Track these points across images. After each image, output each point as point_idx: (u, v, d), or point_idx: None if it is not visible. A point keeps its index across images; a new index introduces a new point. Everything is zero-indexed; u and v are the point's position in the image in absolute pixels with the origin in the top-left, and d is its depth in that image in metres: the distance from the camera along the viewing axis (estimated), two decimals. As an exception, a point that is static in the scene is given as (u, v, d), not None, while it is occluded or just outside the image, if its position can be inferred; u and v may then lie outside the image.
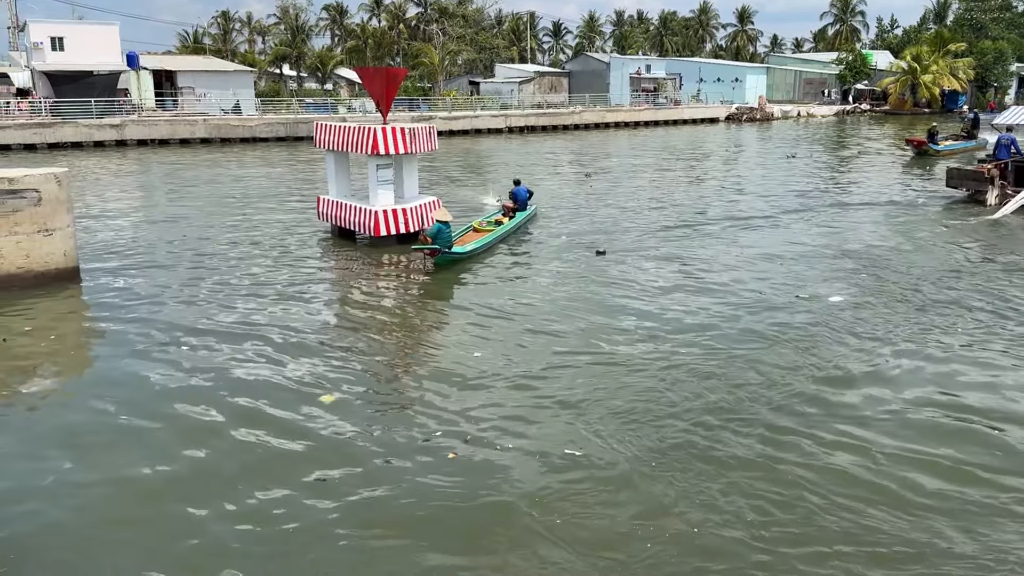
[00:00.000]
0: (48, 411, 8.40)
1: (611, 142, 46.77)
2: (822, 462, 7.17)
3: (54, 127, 39.77)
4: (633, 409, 8.18)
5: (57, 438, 7.71)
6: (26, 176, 12.47)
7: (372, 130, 15.28)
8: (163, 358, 9.77)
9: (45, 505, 6.56)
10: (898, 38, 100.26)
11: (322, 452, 7.41)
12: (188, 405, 8.42)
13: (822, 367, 9.42)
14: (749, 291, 12.76)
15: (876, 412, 8.21)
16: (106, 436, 7.75)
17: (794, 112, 68.96)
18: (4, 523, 6.29)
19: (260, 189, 25.55)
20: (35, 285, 12.53)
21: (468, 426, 7.85)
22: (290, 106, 54.17)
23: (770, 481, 6.82)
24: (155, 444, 7.57)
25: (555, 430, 7.76)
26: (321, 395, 8.67)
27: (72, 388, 9.15)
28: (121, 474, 7.02)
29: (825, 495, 6.60)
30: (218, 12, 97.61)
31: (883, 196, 23.26)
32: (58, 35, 47.71)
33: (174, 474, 7.05)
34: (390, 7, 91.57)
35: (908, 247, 16.22)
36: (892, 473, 6.98)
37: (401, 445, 7.51)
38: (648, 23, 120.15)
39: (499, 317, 11.48)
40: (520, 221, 18.01)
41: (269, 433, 7.77)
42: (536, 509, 6.41)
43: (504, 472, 6.97)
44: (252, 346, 10.20)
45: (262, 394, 8.71)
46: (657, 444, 7.45)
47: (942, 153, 33.62)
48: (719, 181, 27.35)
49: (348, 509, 6.48)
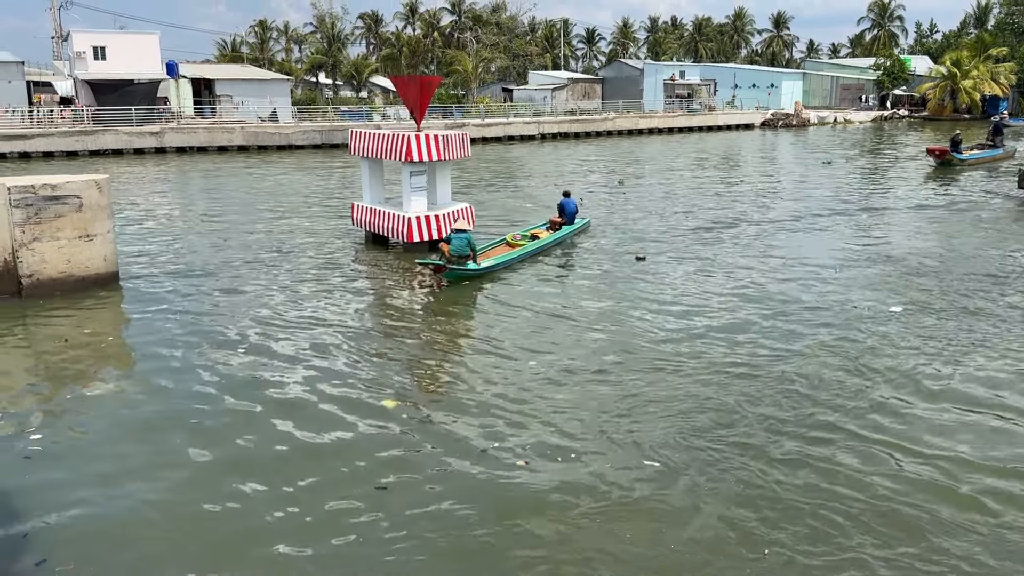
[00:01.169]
0: (109, 407, 8.57)
1: (644, 148, 46.58)
2: (898, 479, 6.93)
3: (95, 134, 40.60)
4: (694, 420, 8.02)
5: (122, 433, 7.92)
6: (68, 182, 12.73)
7: (406, 137, 15.37)
8: (205, 363, 9.87)
9: (134, 489, 6.83)
10: (937, 43, 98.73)
11: (386, 457, 7.38)
12: (242, 405, 8.53)
13: (892, 379, 9.12)
14: (802, 298, 12.62)
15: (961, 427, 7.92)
16: (155, 443, 7.82)
17: (831, 118, 68.17)
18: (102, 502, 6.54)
19: (295, 196, 25.83)
20: (76, 289, 12.78)
21: (532, 434, 7.76)
22: (325, 114, 54.75)
23: (853, 501, 6.59)
24: (213, 447, 7.61)
25: (619, 439, 7.64)
26: (383, 400, 8.67)
27: (128, 387, 9.27)
28: (175, 478, 7.08)
29: (900, 515, 6.38)
30: (256, 21, 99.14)
31: (940, 200, 22.91)
32: (100, 44, 48.79)
33: (233, 478, 7.03)
34: (424, 15, 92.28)
35: (970, 251, 15.97)
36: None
37: (464, 451, 7.46)
38: (682, 29, 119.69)
39: (547, 322, 11.47)
40: (561, 236, 17.05)
41: (334, 437, 7.77)
42: (602, 520, 6.30)
43: (572, 484, 6.84)
44: (295, 350, 10.28)
45: (316, 398, 8.73)
46: (718, 458, 7.26)
47: (967, 163, 31.95)
48: (754, 186, 27.09)
49: (408, 516, 6.40)
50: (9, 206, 12.17)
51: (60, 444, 7.72)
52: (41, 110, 45.69)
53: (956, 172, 30.27)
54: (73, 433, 7.98)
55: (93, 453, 7.60)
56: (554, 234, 16.93)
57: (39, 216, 12.41)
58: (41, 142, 39.00)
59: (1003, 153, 34.06)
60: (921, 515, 6.38)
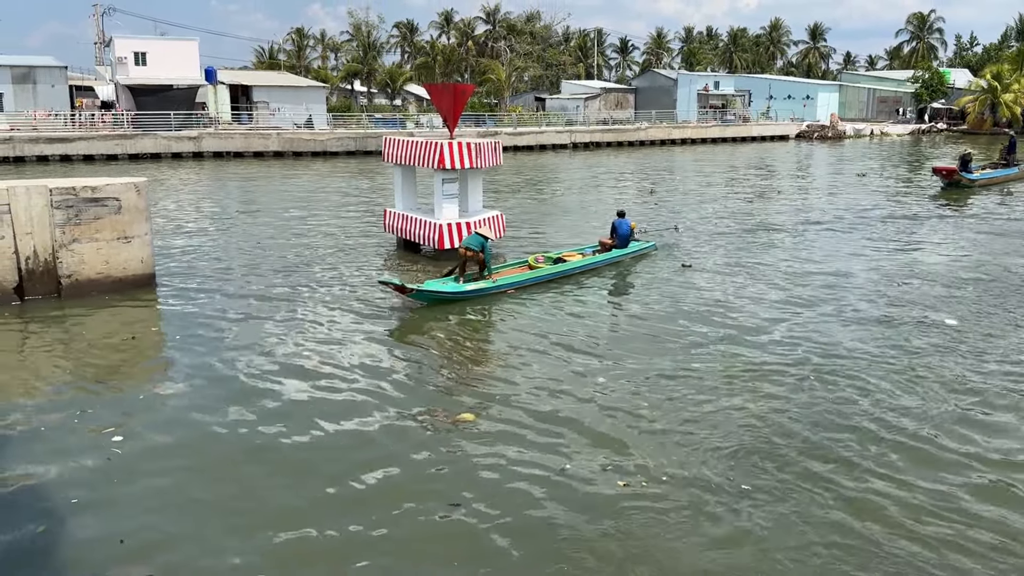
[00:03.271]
0: (180, 407, 8.67)
1: (676, 158, 46.42)
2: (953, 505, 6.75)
3: (135, 139, 41.36)
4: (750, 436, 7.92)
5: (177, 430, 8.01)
6: (107, 185, 12.98)
7: (439, 145, 15.48)
8: (250, 370, 9.91)
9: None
10: (978, 56, 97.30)
11: (463, 475, 7.22)
12: (298, 413, 8.54)
13: (953, 397, 8.93)
14: (858, 307, 12.64)
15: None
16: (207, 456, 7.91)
17: (867, 130, 67.39)
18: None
19: (329, 201, 26.10)
20: (113, 290, 13.02)
21: (617, 453, 7.55)
22: (360, 121, 55.22)
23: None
24: (275, 465, 7.50)
25: (701, 453, 7.51)
26: (461, 413, 8.51)
27: (191, 387, 9.37)
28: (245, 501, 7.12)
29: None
30: (293, 29, 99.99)
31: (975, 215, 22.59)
32: (141, 50, 49.70)
33: (307, 493, 6.92)
34: (459, 24, 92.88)
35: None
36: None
37: (544, 467, 7.29)
38: (717, 39, 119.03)
39: (601, 331, 11.45)
40: (608, 258, 15.65)
41: (404, 452, 7.63)
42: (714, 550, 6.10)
43: (675, 510, 6.58)
44: (331, 355, 10.35)
45: (370, 410, 8.59)
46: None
47: (977, 183, 28.88)
48: (789, 197, 26.87)
49: (482, 533, 6.31)
50: (51, 207, 12.44)
51: (138, 446, 7.75)
52: (83, 114, 46.62)
53: (966, 194, 27.68)
54: (154, 435, 8.00)
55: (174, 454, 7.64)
56: (598, 256, 15.65)
57: (79, 218, 12.67)
58: (82, 145, 39.81)
59: (1019, 172, 31.26)
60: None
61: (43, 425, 8.18)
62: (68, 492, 6.84)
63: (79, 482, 7.04)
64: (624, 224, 16.04)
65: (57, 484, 6.99)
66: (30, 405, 8.72)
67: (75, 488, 6.92)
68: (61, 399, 8.93)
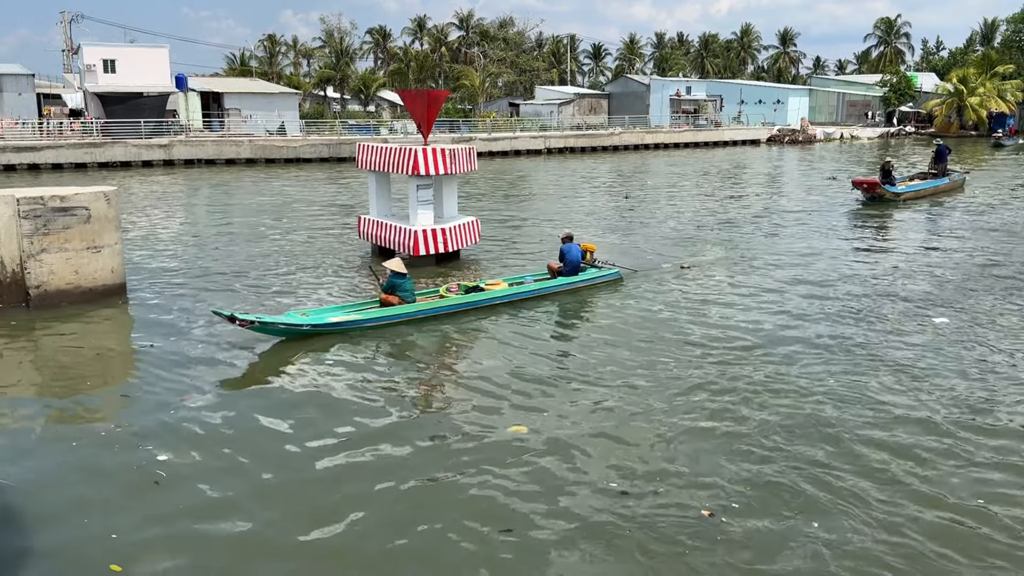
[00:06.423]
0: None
1: (650, 163, 46.66)
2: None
3: (104, 147, 40.88)
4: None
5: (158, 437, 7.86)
6: (76, 194, 12.78)
7: (413, 151, 15.43)
8: (220, 383, 9.80)
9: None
10: (944, 60, 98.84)
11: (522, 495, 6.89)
12: (310, 421, 8.43)
13: (952, 400, 8.89)
14: (854, 307, 12.73)
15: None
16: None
17: (837, 134, 68.25)
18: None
19: (303, 209, 25.90)
20: (83, 300, 12.80)
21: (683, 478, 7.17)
22: (333, 127, 55.02)
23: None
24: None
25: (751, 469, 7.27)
26: (511, 426, 8.22)
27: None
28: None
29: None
30: (265, 36, 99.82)
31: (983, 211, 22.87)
32: (110, 58, 49.23)
33: (351, 506, 6.72)
34: (432, 30, 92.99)
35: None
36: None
37: (595, 483, 7.04)
38: (689, 45, 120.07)
39: (622, 338, 11.26)
40: (552, 286, 13.68)
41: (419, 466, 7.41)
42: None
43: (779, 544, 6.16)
44: (309, 361, 10.29)
45: (357, 420, 8.43)
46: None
47: (903, 197, 26.00)
48: (761, 200, 27.06)
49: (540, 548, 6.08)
50: (18, 217, 12.23)
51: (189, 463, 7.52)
52: (51, 122, 46.01)
53: (890, 208, 24.90)
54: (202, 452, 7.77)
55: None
56: (534, 284, 13.62)
57: (47, 227, 12.46)
58: (50, 154, 39.28)
59: (948, 184, 28.81)
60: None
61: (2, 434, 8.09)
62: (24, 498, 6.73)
63: (41, 487, 6.94)
64: (573, 249, 14.06)
65: (15, 491, 6.89)
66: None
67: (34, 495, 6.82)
68: (25, 412, 8.76)
